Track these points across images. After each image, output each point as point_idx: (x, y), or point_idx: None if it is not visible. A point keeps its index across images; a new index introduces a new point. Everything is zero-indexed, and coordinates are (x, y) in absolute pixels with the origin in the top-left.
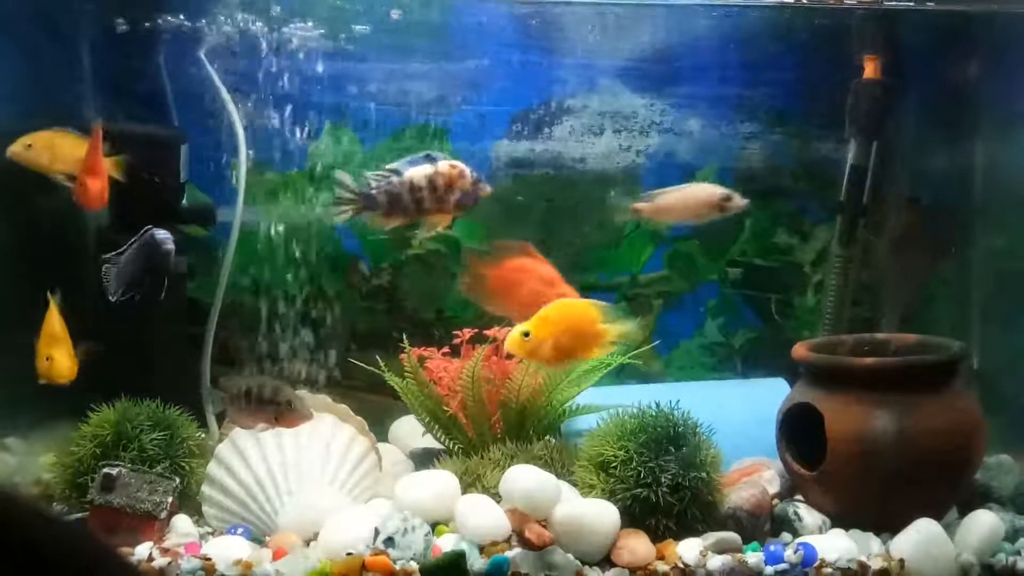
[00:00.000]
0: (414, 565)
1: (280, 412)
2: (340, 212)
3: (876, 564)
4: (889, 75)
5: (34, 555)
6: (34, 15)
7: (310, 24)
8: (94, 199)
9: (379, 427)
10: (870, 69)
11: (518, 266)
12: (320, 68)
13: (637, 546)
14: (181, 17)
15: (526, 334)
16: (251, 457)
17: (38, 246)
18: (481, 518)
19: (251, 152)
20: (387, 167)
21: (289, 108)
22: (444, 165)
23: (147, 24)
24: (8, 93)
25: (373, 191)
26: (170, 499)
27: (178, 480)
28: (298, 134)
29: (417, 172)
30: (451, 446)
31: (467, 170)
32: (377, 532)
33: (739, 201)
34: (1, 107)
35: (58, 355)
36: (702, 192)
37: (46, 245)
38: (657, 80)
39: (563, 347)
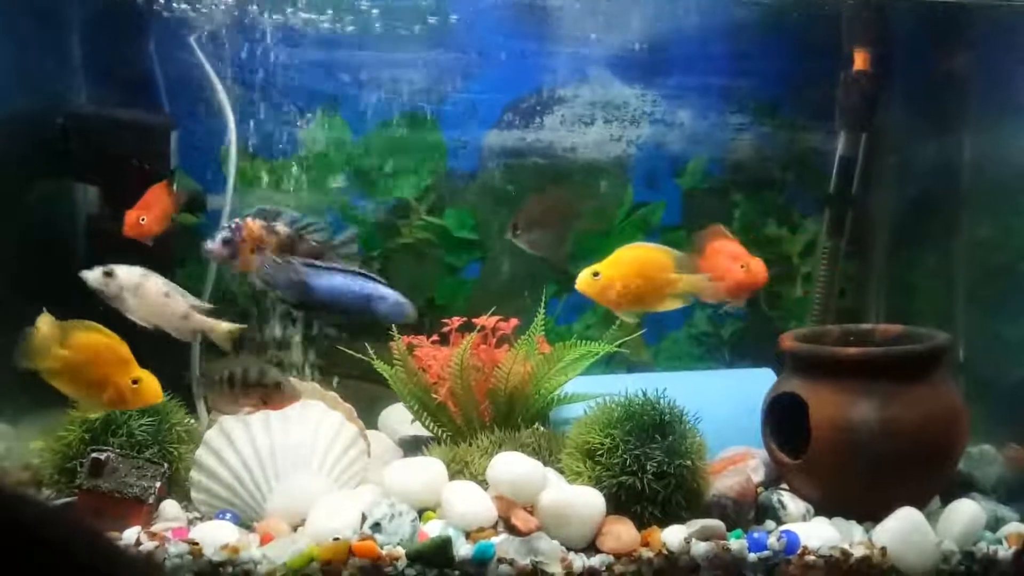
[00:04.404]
0: (401, 550)
1: (268, 394)
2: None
3: (858, 552)
4: (879, 67)
5: (22, 536)
6: None
7: (302, 10)
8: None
9: (368, 415)
10: (860, 61)
11: (714, 249)
12: (312, 55)
13: (622, 532)
14: (172, 2)
15: (596, 274)
16: (239, 443)
17: (28, 232)
18: (468, 504)
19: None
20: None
21: (280, 95)
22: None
23: (137, 8)
24: None
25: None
26: (158, 484)
27: (166, 465)
28: (289, 121)
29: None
30: (439, 434)
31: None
32: (364, 518)
33: None
34: None
35: (145, 375)
36: None
37: (36, 231)
38: (648, 70)
39: (632, 291)
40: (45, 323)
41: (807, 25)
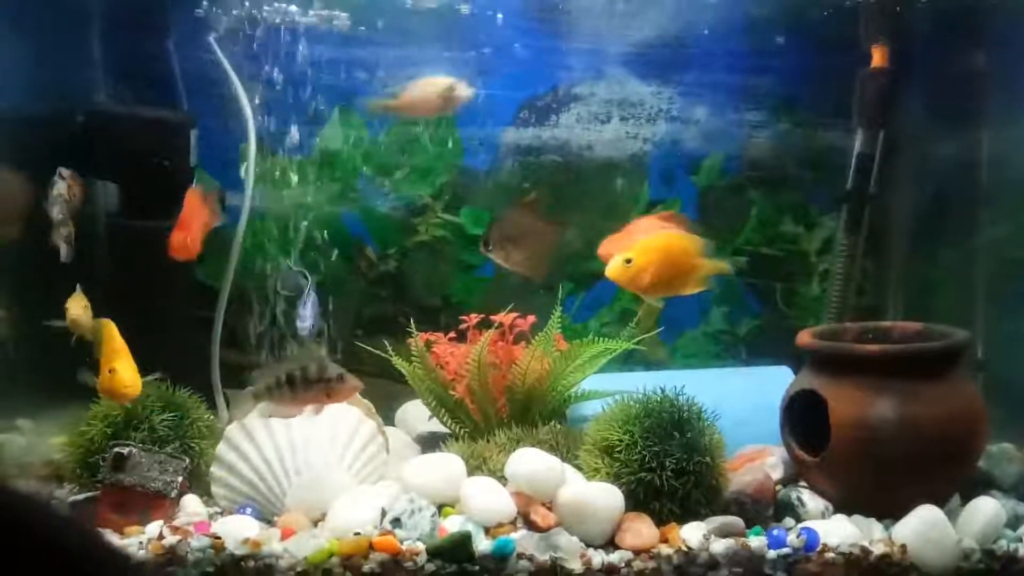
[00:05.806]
0: (420, 546)
1: (331, 387)
2: None
3: (878, 549)
4: (897, 63)
5: (23, 538)
6: None
7: (318, 7)
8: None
9: (386, 411)
10: (877, 57)
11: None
12: (329, 53)
13: (641, 529)
14: (191, 1)
15: (628, 260)
16: (260, 438)
17: (49, 230)
18: (487, 500)
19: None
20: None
21: (298, 93)
22: None
23: (157, 7)
24: (18, 75)
25: None
26: (180, 479)
27: (188, 460)
28: (307, 119)
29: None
30: (457, 430)
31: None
32: (384, 513)
33: (463, 91)
34: (11, 89)
35: (121, 367)
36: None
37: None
38: (664, 67)
39: (662, 277)
40: (76, 302)
41: (825, 22)
